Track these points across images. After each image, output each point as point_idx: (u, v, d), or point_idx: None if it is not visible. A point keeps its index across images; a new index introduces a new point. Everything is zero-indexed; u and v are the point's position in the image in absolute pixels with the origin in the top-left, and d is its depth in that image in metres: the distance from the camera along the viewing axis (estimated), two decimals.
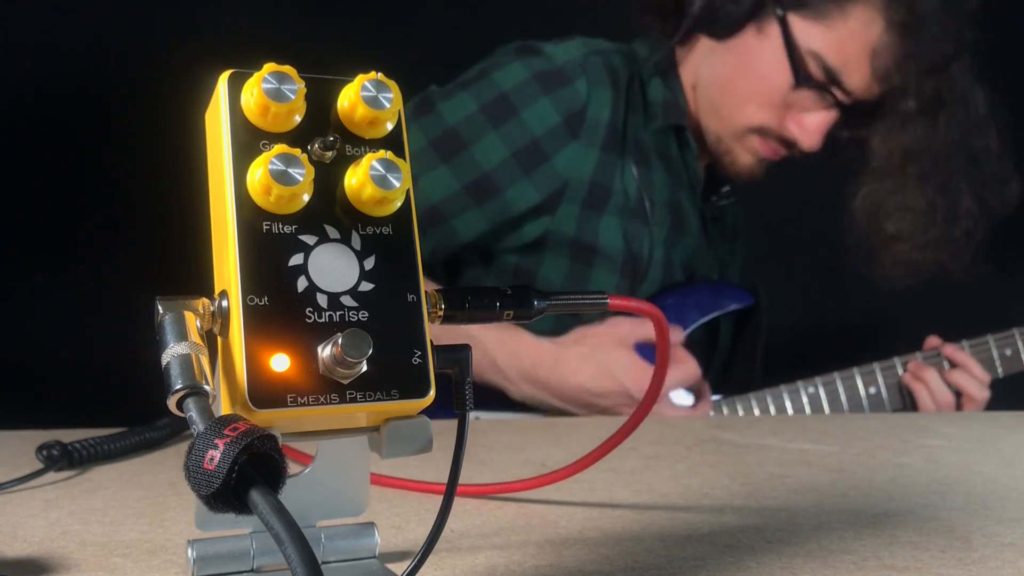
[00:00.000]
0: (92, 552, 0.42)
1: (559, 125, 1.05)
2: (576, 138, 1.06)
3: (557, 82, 1.05)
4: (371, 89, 0.32)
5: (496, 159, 1.05)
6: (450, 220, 1.06)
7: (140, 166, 1.23)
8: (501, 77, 1.06)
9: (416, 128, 1.05)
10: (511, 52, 1.09)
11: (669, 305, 1.17)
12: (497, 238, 1.10)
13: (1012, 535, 0.46)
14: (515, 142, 1.05)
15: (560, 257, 1.11)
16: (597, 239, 1.10)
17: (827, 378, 1.12)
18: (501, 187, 1.05)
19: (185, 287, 0.31)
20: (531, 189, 1.06)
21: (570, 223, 1.09)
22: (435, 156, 1.04)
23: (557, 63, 1.07)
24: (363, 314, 0.31)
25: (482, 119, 1.05)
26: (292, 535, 0.24)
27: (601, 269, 1.11)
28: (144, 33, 1.30)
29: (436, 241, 1.07)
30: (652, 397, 0.42)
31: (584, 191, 1.08)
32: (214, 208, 0.32)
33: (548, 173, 1.06)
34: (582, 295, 0.37)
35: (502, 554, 0.42)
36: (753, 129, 1.11)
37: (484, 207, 1.06)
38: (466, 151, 1.05)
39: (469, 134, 1.05)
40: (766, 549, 0.43)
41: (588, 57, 1.08)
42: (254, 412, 0.28)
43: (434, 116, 1.05)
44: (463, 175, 1.05)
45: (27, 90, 1.27)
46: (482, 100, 1.05)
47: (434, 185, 1.05)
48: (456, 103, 1.06)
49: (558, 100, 1.05)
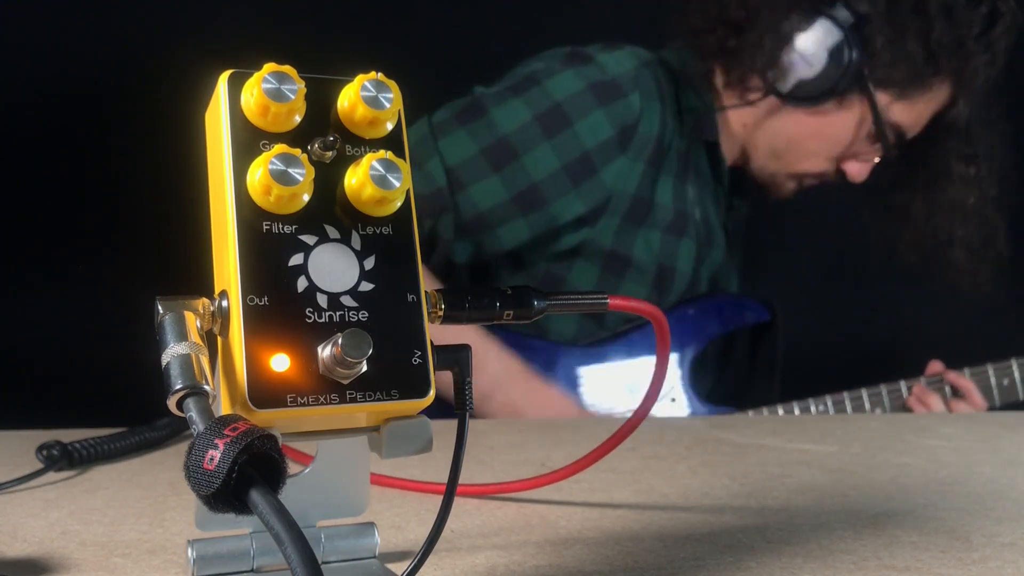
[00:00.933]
0: (92, 552, 0.42)
1: (612, 139, 1.05)
2: (625, 152, 1.06)
3: (612, 94, 1.05)
4: (371, 89, 0.32)
5: (546, 171, 1.04)
6: (495, 228, 1.05)
7: (140, 166, 1.23)
8: (555, 86, 1.05)
9: (466, 134, 1.04)
10: (561, 58, 1.08)
11: (690, 316, 1.17)
12: (535, 246, 1.10)
13: (1012, 535, 0.46)
14: (567, 154, 1.04)
15: (592, 266, 1.11)
16: (632, 252, 1.10)
17: (837, 397, 1.14)
18: (548, 199, 1.05)
19: (185, 287, 0.31)
20: (577, 201, 1.06)
21: (608, 235, 1.09)
22: (486, 165, 1.04)
23: (611, 74, 1.06)
24: (363, 314, 0.31)
25: (536, 129, 1.04)
26: (292, 535, 0.24)
27: (631, 281, 1.11)
28: (144, 33, 1.29)
29: (480, 247, 1.07)
30: (652, 397, 0.42)
31: (627, 205, 1.08)
32: (214, 208, 0.32)
33: (595, 186, 1.06)
34: (582, 295, 0.37)
35: (502, 554, 0.42)
36: (812, 174, 1.16)
37: (529, 217, 1.05)
38: (517, 161, 1.04)
39: (522, 144, 1.04)
40: (766, 549, 0.43)
41: (640, 70, 1.08)
42: (254, 412, 0.28)
43: (486, 123, 1.04)
44: (512, 185, 1.04)
45: (27, 90, 1.27)
46: (536, 109, 1.04)
47: (483, 194, 1.04)
48: (509, 111, 1.04)
49: (612, 113, 1.04)
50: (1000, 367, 1.13)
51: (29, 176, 1.29)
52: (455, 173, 1.03)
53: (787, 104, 1.10)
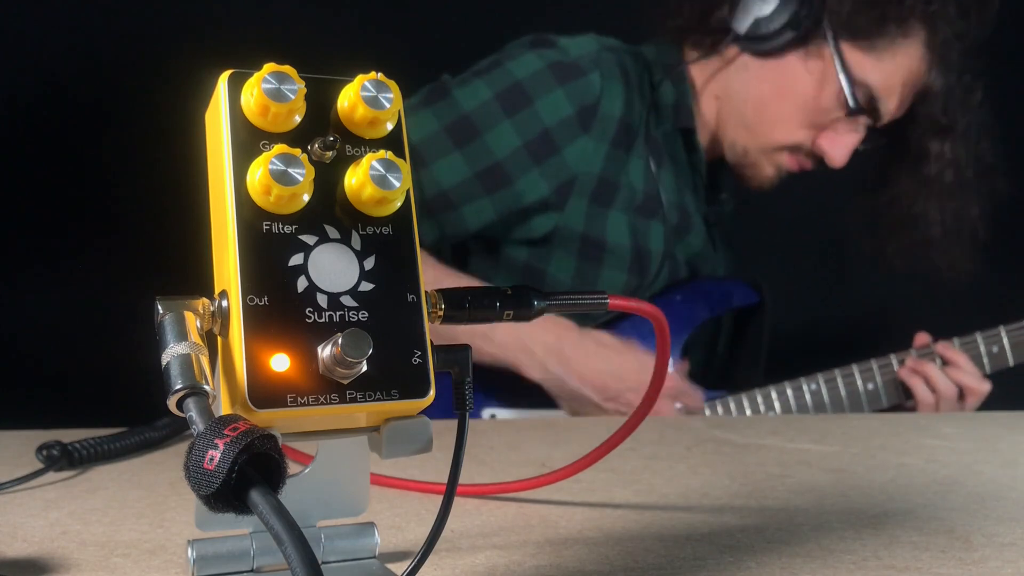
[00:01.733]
0: (92, 552, 0.42)
1: (571, 117, 1.05)
2: (587, 131, 1.06)
3: (572, 74, 1.06)
4: (371, 89, 0.32)
5: (508, 148, 1.05)
6: (460, 207, 1.06)
7: (140, 166, 1.23)
8: (516, 67, 1.06)
9: (430, 113, 1.05)
10: (525, 44, 1.09)
11: (678, 302, 1.17)
12: (506, 229, 1.10)
13: (1012, 535, 0.46)
14: (527, 132, 1.05)
15: (568, 255, 1.11)
16: (605, 235, 1.10)
17: (828, 375, 1.14)
18: (512, 177, 1.05)
19: (185, 287, 0.31)
20: (541, 181, 1.06)
21: (578, 218, 1.09)
22: (448, 142, 1.04)
23: (572, 55, 1.07)
24: (363, 314, 0.31)
25: (497, 107, 1.05)
26: (292, 535, 0.24)
27: (609, 267, 1.11)
28: (144, 33, 1.30)
29: (444, 228, 1.08)
30: (652, 397, 0.42)
31: (593, 185, 1.08)
32: (214, 208, 0.32)
33: (558, 165, 1.06)
34: (582, 295, 0.37)
35: (502, 554, 0.42)
36: (785, 147, 1.14)
37: (494, 196, 1.06)
38: (479, 138, 1.04)
39: (483, 122, 1.04)
40: (766, 549, 0.43)
41: (601, 52, 1.09)
42: (254, 412, 0.28)
43: (449, 101, 1.05)
44: (475, 163, 1.05)
45: (27, 90, 1.27)
46: (497, 88, 1.05)
47: (446, 171, 1.04)
48: (471, 90, 1.06)
49: (572, 92, 1.05)
50: (989, 335, 1.13)
51: (29, 176, 1.29)
52: (417, 150, 1.04)
53: (747, 52, 1.10)
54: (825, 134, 1.12)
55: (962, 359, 1.11)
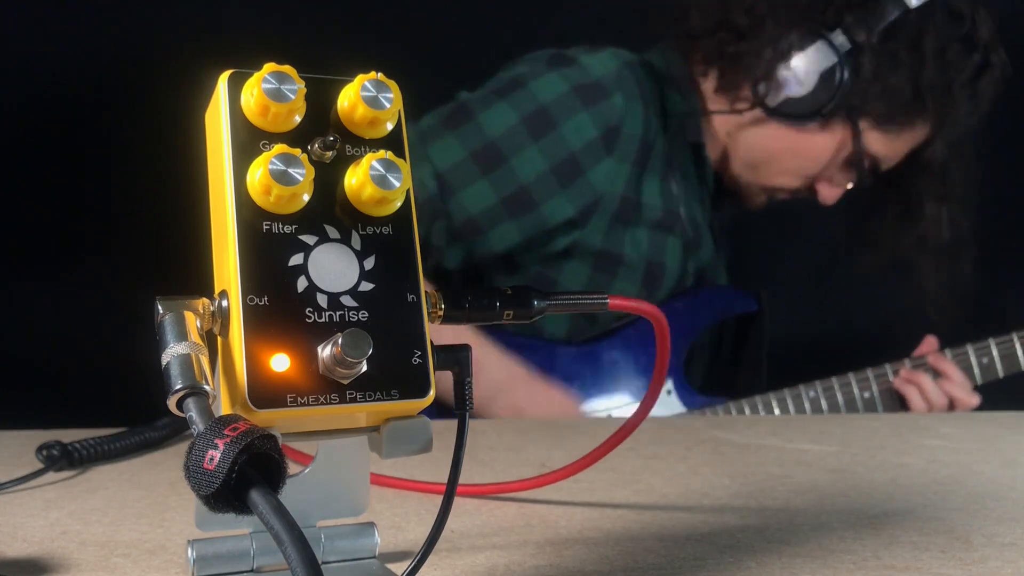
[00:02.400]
0: (92, 552, 0.42)
1: (596, 139, 1.05)
2: (610, 153, 1.06)
3: (595, 96, 1.05)
4: (371, 89, 0.32)
5: (534, 173, 1.05)
6: (486, 232, 1.06)
7: (140, 166, 1.23)
8: (539, 89, 1.05)
9: (454, 139, 1.05)
10: (544, 60, 1.09)
11: (679, 310, 1.18)
12: (527, 249, 1.10)
13: (1012, 535, 0.46)
14: (553, 156, 1.05)
15: (583, 266, 1.11)
16: (623, 250, 1.11)
17: (826, 383, 1.15)
18: (538, 201, 1.05)
19: (185, 287, 0.31)
20: (566, 204, 1.06)
21: (597, 236, 1.10)
22: (475, 169, 1.04)
23: (594, 76, 1.06)
24: (363, 314, 0.31)
25: (523, 132, 1.04)
26: (292, 535, 0.24)
27: (622, 279, 1.12)
28: (144, 33, 1.30)
29: (471, 252, 1.08)
30: (652, 397, 0.42)
31: (615, 206, 1.09)
32: (214, 208, 0.32)
33: (583, 188, 1.06)
34: (582, 295, 0.37)
35: (502, 554, 0.42)
36: (786, 189, 1.18)
37: (519, 220, 1.06)
38: (506, 164, 1.04)
39: (509, 147, 1.04)
40: (766, 549, 0.43)
41: (622, 70, 1.09)
42: (254, 412, 0.28)
43: (474, 127, 1.05)
44: (501, 189, 1.05)
45: (27, 90, 1.27)
46: (522, 112, 1.05)
47: (473, 198, 1.04)
48: (496, 114, 1.05)
49: (596, 114, 1.05)
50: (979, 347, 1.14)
51: (29, 176, 1.29)
52: (445, 179, 1.03)
53: (771, 119, 1.11)
54: (822, 183, 1.17)
55: (954, 372, 1.13)
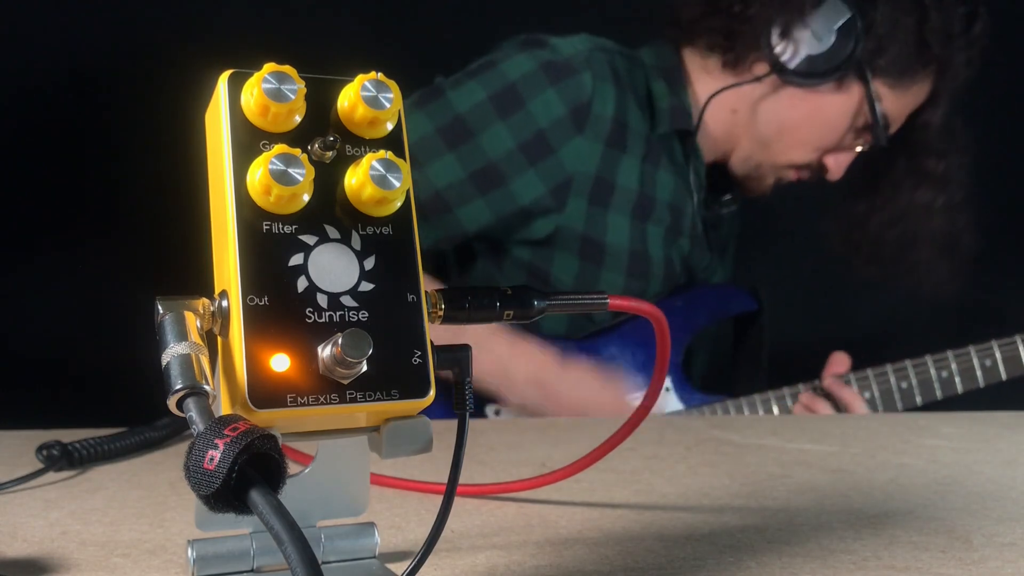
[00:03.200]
0: (92, 552, 0.42)
1: (564, 117, 1.06)
2: (581, 132, 1.06)
3: (563, 74, 1.06)
4: (371, 89, 0.32)
5: (502, 149, 1.05)
6: (454, 209, 1.06)
7: (140, 166, 1.23)
8: (509, 68, 1.06)
9: (422, 115, 1.05)
10: (517, 44, 1.10)
11: (678, 308, 1.18)
12: (506, 231, 1.10)
13: (1012, 535, 0.46)
14: (521, 133, 1.05)
15: (571, 256, 1.11)
16: (605, 236, 1.11)
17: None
18: (507, 178, 1.05)
19: (185, 287, 0.31)
20: (537, 181, 1.06)
21: (579, 219, 1.10)
22: (442, 143, 1.04)
23: (563, 55, 1.07)
24: (363, 314, 0.31)
25: (490, 109, 1.05)
26: (292, 535, 0.24)
27: (608, 269, 1.12)
28: (144, 33, 1.30)
29: (440, 230, 1.08)
30: (652, 397, 0.42)
31: (589, 185, 1.09)
32: (214, 208, 0.32)
33: (553, 166, 1.06)
34: (582, 295, 0.37)
35: (502, 554, 0.42)
36: (797, 165, 1.18)
37: (489, 197, 1.06)
38: (473, 140, 1.05)
39: (477, 123, 1.05)
40: (766, 549, 0.43)
41: (593, 52, 1.09)
42: (254, 412, 0.28)
43: (442, 103, 1.05)
44: (469, 164, 1.05)
45: (27, 90, 1.27)
46: (490, 90, 1.05)
47: (439, 172, 1.04)
48: (465, 92, 1.06)
49: (564, 91, 1.05)
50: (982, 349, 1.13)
51: (29, 176, 1.29)
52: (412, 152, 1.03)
53: (788, 83, 1.11)
54: (832, 154, 1.16)
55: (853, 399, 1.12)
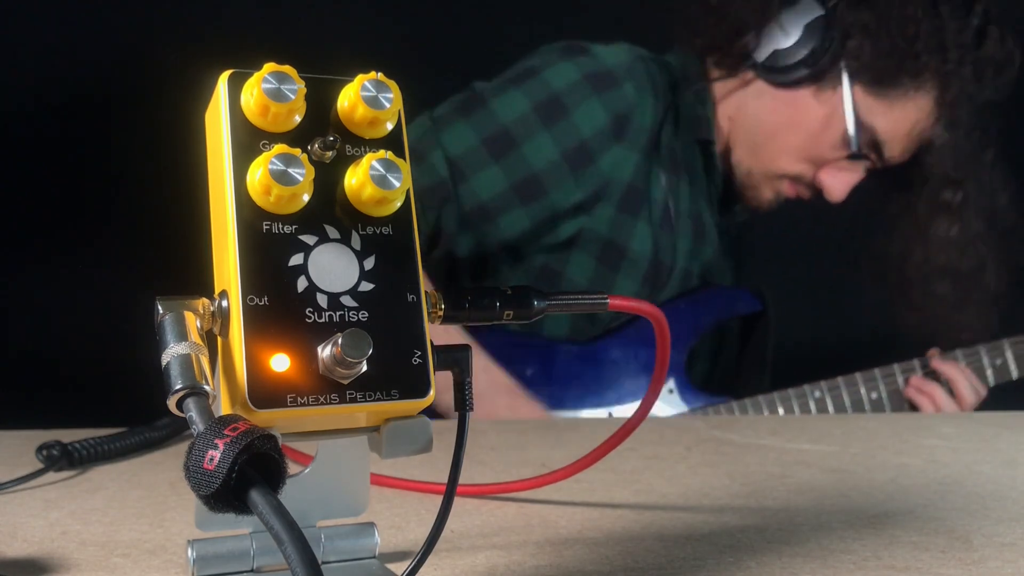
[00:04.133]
0: (92, 552, 0.42)
1: (606, 127, 1.06)
2: (620, 141, 1.07)
3: (607, 84, 1.06)
4: (371, 89, 0.32)
5: (546, 160, 1.05)
6: (495, 219, 1.06)
7: (140, 166, 1.23)
8: (552, 76, 1.06)
9: (467, 126, 1.05)
10: (557, 51, 1.09)
11: (682, 309, 1.18)
12: (536, 236, 1.10)
13: (1012, 535, 0.46)
14: (565, 143, 1.05)
15: (588, 257, 1.11)
16: (629, 243, 1.11)
17: (832, 383, 1.15)
18: (548, 188, 1.06)
19: (185, 287, 0.31)
20: (575, 190, 1.07)
21: (604, 224, 1.10)
22: (487, 155, 1.04)
23: (607, 64, 1.07)
24: (363, 314, 0.31)
25: (534, 119, 1.05)
26: (292, 535, 0.24)
27: (625, 275, 1.12)
28: (144, 33, 1.30)
29: (480, 238, 1.08)
30: (652, 397, 0.42)
31: (621, 192, 1.09)
32: (214, 208, 0.32)
33: (593, 174, 1.07)
34: (582, 295, 0.37)
35: (502, 554, 0.42)
36: (787, 175, 1.16)
37: (529, 206, 1.06)
38: (517, 151, 1.05)
39: (521, 134, 1.05)
40: (766, 549, 0.43)
41: (635, 62, 1.09)
42: (254, 412, 0.28)
43: (486, 113, 1.05)
44: (512, 174, 1.05)
45: (27, 90, 1.27)
46: (535, 99, 1.05)
47: (484, 184, 1.05)
48: (508, 101, 1.06)
49: (608, 101, 1.05)
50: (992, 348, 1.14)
51: (29, 176, 1.29)
52: (457, 164, 1.04)
53: (763, 78, 1.11)
54: (826, 170, 1.14)
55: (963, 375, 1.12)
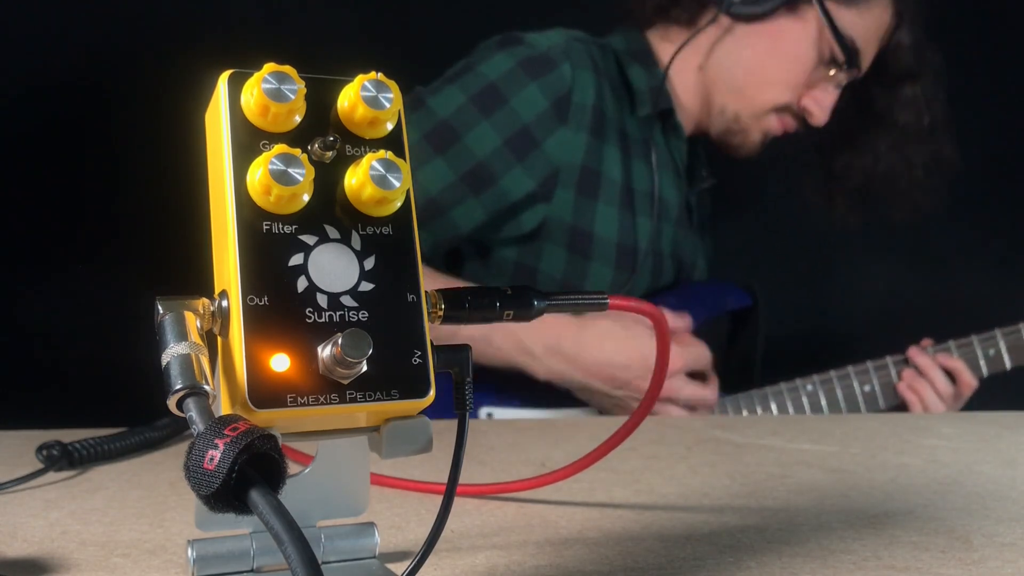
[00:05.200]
0: (92, 552, 0.42)
1: (547, 110, 1.06)
2: (564, 123, 1.07)
3: (543, 67, 1.06)
4: (371, 89, 0.32)
5: (489, 148, 1.05)
6: (449, 212, 1.06)
7: (140, 166, 1.23)
8: (487, 68, 1.07)
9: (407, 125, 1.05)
10: (493, 44, 1.10)
11: (672, 305, 1.18)
12: (496, 228, 1.10)
13: (1012, 535, 0.46)
14: (506, 129, 1.05)
15: (558, 248, 1.11)
16: (593, 227, 1.11)
17: (824, 376, 1.15)
18: (496, 175, 1.06)
19: (185, 287, 0.31)
20: (525, 176, 1.07)
21: (567, 209, 1.10)
22: (429, 149, 1.05)
23: (541, 48, 1.08)
24: (363, 314, 0.31)
25: (472, 110, 1.05)
26: (292, 535, 0.24)
27: (597, 260, 1.12)
28: (145, 33, 1.30)
29: (437, 234, 1.08)
30: (652, 397, 0.42)
31: (576, 175, 1.09)
32: (214, 208, 0.32)
33: (540, 159, 1.07)
34: (582, 295, 0.37)
35: (502, 554, 0.42)
36: (776, 108, 1.15)
37: (481, 196, 1.06)
38: (459, 142, 1.05)
39: (461, 125, 1.05)
40: (766, 549, 0.43)
41: (570, 43, 1.10)
42: (254, 412, 0.28)
43: (425, 112, 1.06)
44: (458, 166, 1.05)
45: (27, 90, 1.27)
46: (470, 91, 1.06)
47: (431, 177, 1.05)
48: (445, 97, 1.06)
49: (545, 85, 1.06)
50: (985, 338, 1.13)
51: (29, 176, 1.29)
52: None
53: (738, 22, 1.11)
54: (810, 93, 1.14)
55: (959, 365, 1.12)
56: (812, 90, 1.14)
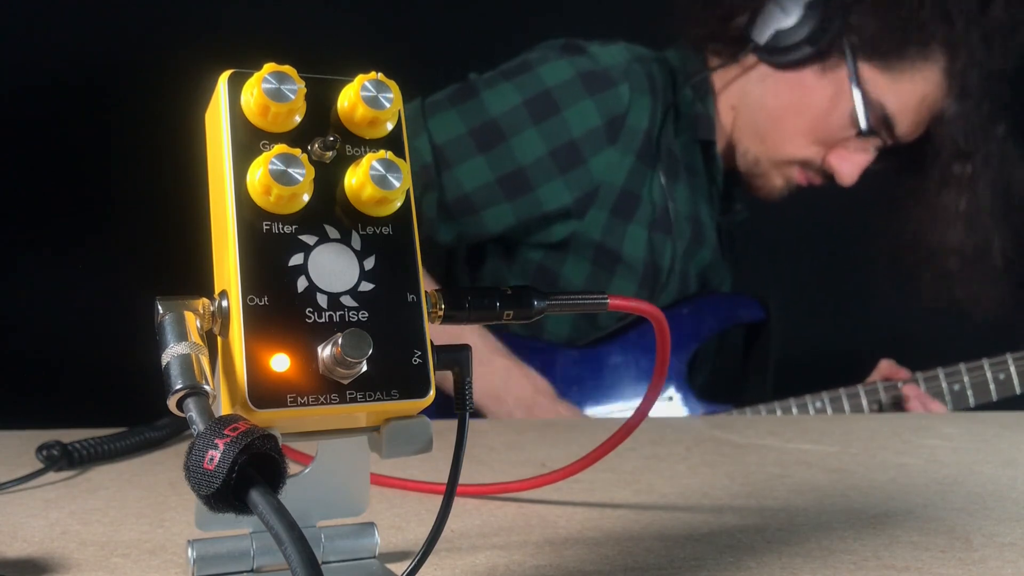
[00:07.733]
0: (92, 552, 0.42)
1: (599, 128, 1.05)
2: (613, 144, 1.06)
3: (601, 84, 1.05)
4: (371, 89, 0.32)
5: (533, 155, 1.04)
6: (480, 211, 1.06)
7: (140, 166, 1.23)
8: (547, 73, 1.06)
9: (455, 114, 1.04)
10: (556, 48, 1.09)
11: (685, 315, 1.17)
12: (525, 233, 1.10)
13: (1012, 535, 0.46)
14: (554, 140, 1.04)
15: (583, 260, 1.11)
16: (621, 247, 1.10)
17: (833, 393, 1.14)
18: (534, 184, 1.05)
19: (185, 287, 0.31)
20: (564, 190, 1.06)
21: (596, 228, 1.09)
22: (473, 145, 1.04)
23: (602, 65, 1.06)
24: (363, 314, 0.31)
25: (524, 113, 1.04)
26: (292, 535, 0.24)
27: (622, 277, 1.11)
28: (144, 33, 1.30)
29: (463, 230, 1.07)
30: (652, 397, 0.42)
31: (614, 197, 1.08)
32: (214, 208, 0.32)
33: (582, 176, 1.06)
34: (582, 295, 0.37)
35: (502, 554, 0.42)
36: (796, 161, 1.14)
37: (515, 202, 1.06)
38: (505, 144, 1.04)
39: (509, 127, 1.04)
40: (766, 549, 0.43)
41: (632, 63, 1.08)
42: (254, 412, 0.28)
43: (476, 104, 1.05)
44: (498, 168, 1.04)
45: (27, 90, 1.27)
46: (526, 94, 1.05)
47: (468, 174, 1.04)
48: (500, 93, 1.05)
49: (601, 102, 1.05)
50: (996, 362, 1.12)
51: (29, 176, 1.29)
52: (442, 151, 1.03)
53: (766, 63, 1.10)
54: (835, 152, 1.12)
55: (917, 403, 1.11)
56: (840, 149, 1.11)
